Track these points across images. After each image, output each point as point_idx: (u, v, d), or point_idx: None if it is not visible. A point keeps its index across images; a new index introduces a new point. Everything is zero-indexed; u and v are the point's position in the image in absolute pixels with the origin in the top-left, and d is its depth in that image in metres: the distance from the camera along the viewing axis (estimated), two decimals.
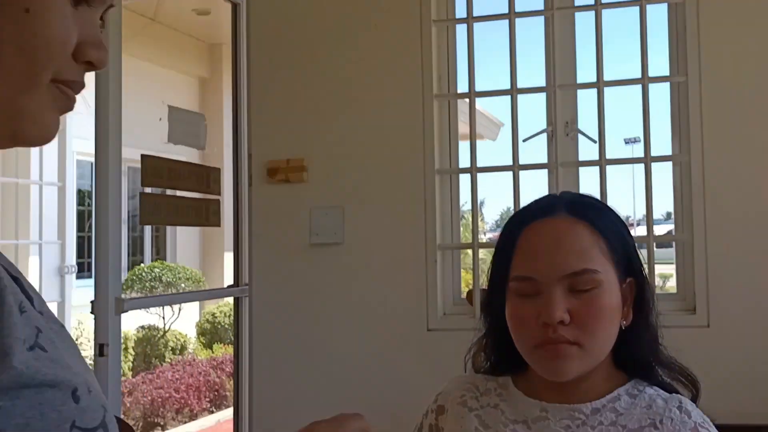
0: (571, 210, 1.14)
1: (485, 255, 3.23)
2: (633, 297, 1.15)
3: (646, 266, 1.19)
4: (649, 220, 2.82)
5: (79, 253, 7.17)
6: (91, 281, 2.59)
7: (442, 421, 1.23)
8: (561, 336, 1.08)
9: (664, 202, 2.97)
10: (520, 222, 1.17)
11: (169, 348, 7.85)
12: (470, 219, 3.01)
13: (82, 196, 7.51)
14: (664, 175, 2.91)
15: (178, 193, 2.94)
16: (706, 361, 2.27)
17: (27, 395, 0.56)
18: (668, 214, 3.01)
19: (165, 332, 8.08)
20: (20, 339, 0.58)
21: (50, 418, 0.57)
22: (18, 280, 0.63)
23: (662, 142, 2.88)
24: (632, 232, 1.19)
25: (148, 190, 2.90)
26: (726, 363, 2.65)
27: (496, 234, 4.01)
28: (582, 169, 2.95)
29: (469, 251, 3.01)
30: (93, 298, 2.44)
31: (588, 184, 2.95)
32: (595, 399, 1.14)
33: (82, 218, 7.57)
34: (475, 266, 2.95)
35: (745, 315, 2.70)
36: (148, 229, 8.61)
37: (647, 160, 2.79)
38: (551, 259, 1.10)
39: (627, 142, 4.53)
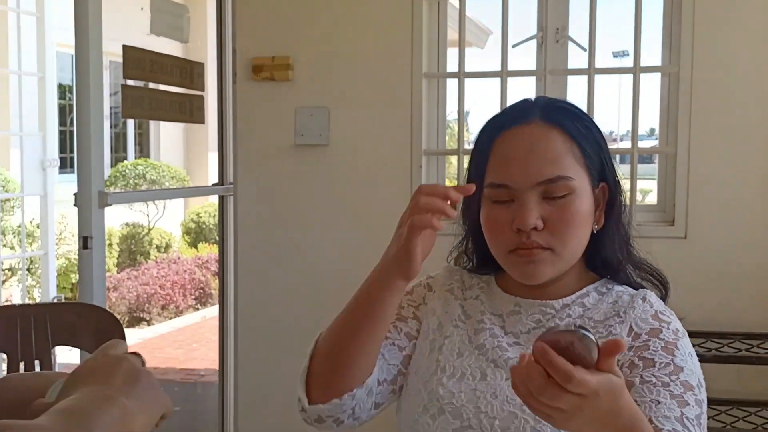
0: (545, 116, 1.13)
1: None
2: (605, 201, 1.17)
3: (620, 174, 1.21)
4: (634, 132, 2.83)
5: (62, 148, 7.10)
6: (73, 176, 2.57)
7: (429, 297, 1.27)
8: (534, 242, 1.10)
9: (649, 118, 2.97)
10: (495, 128, 1.17)
11: (154, 245, 7.91)
12: (456, 128, 2.99)
13: (63, 90, 7.36)
14: (650, 90, 2.90)
15: (162, 87, 2.89)
16: (682, 272, 2.34)
17: None
18: (652, 131, 3.01)
19: (150, 230, 8.12)
20: None
21: None
22: None
23: (651, 56, 2.86)
24: (616, 147, 1.19)
25: (130, 82, 2.85)
26: (701, 273, 2.72)
27: None
28: (570, 79, 2.93)
29: (454, 160, 3.01)
30: (76, 192, 2.43)
31: (576, 93, 2.94)
32: (565, 296, 1.18)
33: (63, 113, 7.45)
34: (459, 174, 2.97)
35: (721, 228, 2.76)
36: (131, 125, 8.50)
37: (636, 70, 2.77)
38: (525, 166, 1.10)
39: (615, 55, 4.48)
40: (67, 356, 3.19)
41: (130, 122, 8.47)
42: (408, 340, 1.22)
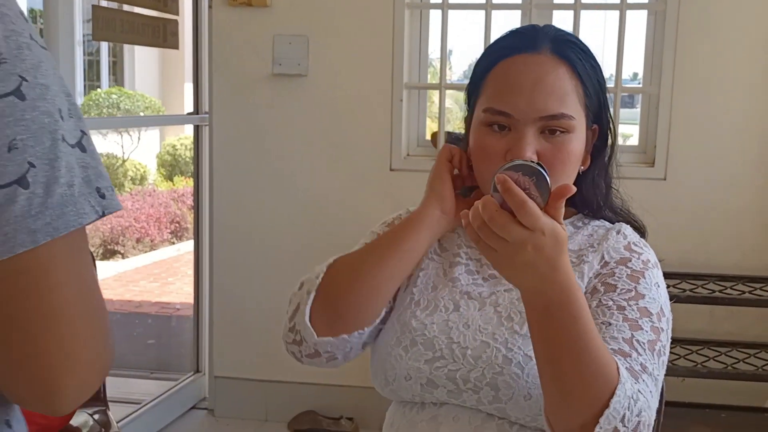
0: (556, 48, 1.09)
1: (451, 104, 3.20)
2: (593, 143, 1.15)
3: (614, 119, 1.19)
4: (618, 71, 2.79)
5: None
6: None
7: None
8: None
9: (634, 60, 2.93)
10: (501, 51, 1.11)
11: (129, 177, 7.80)
12: (438, 67, 2.93)
13: (33, 15, 7.14)
14: (636, 30, 2.85)
15: (135, 9, 2.78)
16: (660, 213, 2.34)
17: None
18: (635, 75, 2.98)
19: (124, 161, 8.00)
20: None
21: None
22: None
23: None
24: None
25: (103, 3, 2.74)
26: (678, 215, 2.73)
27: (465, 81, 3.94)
28: (555, 15, 2.87)
29: (435, 98, 2.96)
30: None
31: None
32: None
33: None
34: (441, 107, 2.92)
35: (700, 170, 2.76)
36: (104, 53, 8.28)
37: (623, 6, 2.73)
38: (531, 97, 1.06)
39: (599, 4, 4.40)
40: None
41: (104, 50, 8.25)
42: None
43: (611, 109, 1.18)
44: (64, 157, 0.64)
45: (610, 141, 1.16)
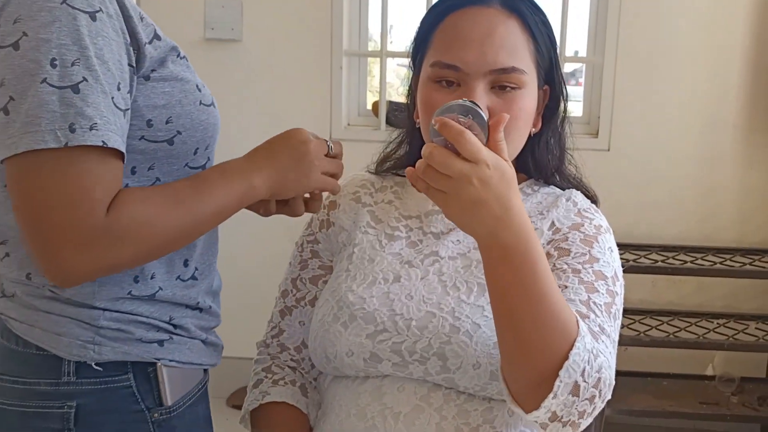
0: (506, 1, 1.06)
1: (392, 78, 3.12)
2: (544, 105, 1.11)
3: (564, 79, 1.15)
4: (562, 39, 2.74)
5: None
6: None
7: (334, 216, 1.20)
8: None
9: (577, 31, 2.89)
10: (449, 6, 1.07)
11: None
12: (378, 40, 2.85)
13: None
14: (578, 2, 2.81)
15: None
16: (604, 184, 2.30)
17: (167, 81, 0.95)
18: (575, 53, 2.97)
19: None
20: (143, 37, 0.89)
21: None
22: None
23: None
24: None
25: None
26: (621, 186, 2.73)
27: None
28: None
29: (376, 73, 2.88)
30: None
31: None
32: None
33: None
34: (382, 75, 2.84)
35: (643, 141, 2.76)
36: None
37: None
38: (481, 50, 1.02)
39: None
40: None
41: None
42: (314, 285, 1.19)
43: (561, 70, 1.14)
44: (39, 95, 0.81)
45: (562, 104, 1.13)
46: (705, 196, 2.75)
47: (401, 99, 2.89)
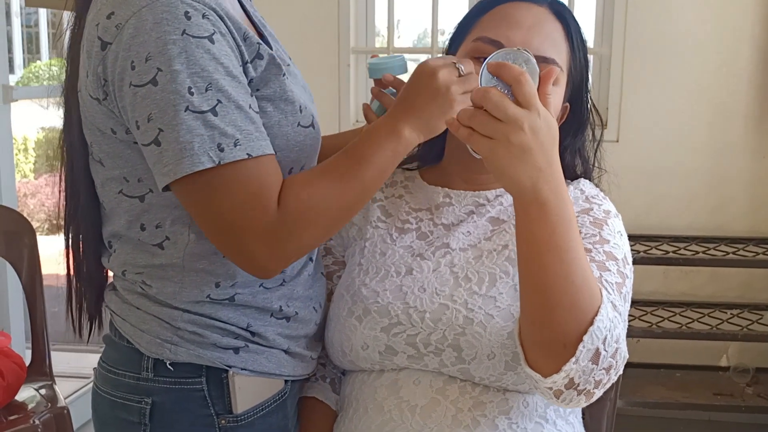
0: (554, 8, 1.09)
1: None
2: (562, 122, 1.12)
3: (592, 103, 1.16)
4: None
5: None
6: None
7: None
8: None
9: (584, 22, 2.88)
10: None
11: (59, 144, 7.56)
12: (386, 36, 2.85)
13: None
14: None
15: None
16: (614, 174, 2.30)
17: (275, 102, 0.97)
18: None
19: None
20: (246, 56, 0.94)
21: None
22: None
23: None
24: None
25: None
26: (631, 177, 2.71)
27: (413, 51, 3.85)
28: None
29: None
30: None
31: None
32: (499, 187, 1.14)
33: None
34: None
35: (652, 131, 2.75)
36: (43, 24, 8.00)
37: None
38: (528, 35, 1.05)
39: None
40: None
41: (43, 22, 7.97)
42: (329, 280, 1.18)
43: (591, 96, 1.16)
44: (185, 122, 0.87)
45: (592, 123, 1.14)
46: (716, 185, 2.74)
47: None
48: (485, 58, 1.01)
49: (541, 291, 0.87)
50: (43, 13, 7.60)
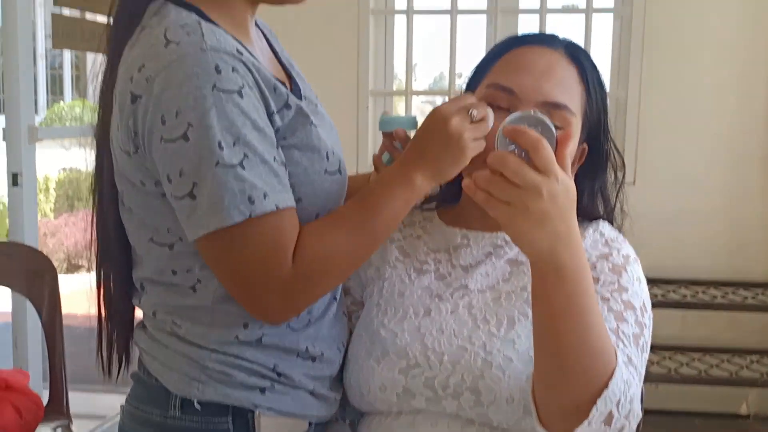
0: (569, 51, 1.08)
1: (417, 116, 3.16)
2: (579, 162, 1.10)
3: (613, 146, 1.14)
4: None
5: None
6: (1, 117, 2.46)
7: None
8: None
9: (600, 65, 2.91)
10: (515, 41, 1.10)
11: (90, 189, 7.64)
12: (403, 78, 2.89)
13: None
14: (602, 36, 2.84)
15: (99, 18, 2.70)
16: (631, 217, 2.31)
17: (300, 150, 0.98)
18: None
19: (89, 174, 7.84)
20: (273, 107, 0.94)
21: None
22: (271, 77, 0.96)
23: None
24: None
25: (65, 12, 2.67)
26: (648, 220, 2.67)
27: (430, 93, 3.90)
28: (521, 19, 2.85)
29: (402, 111, 2.92)
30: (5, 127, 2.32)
31: None
32: None
33: None
34: (407, 113, 2.87)
35: (669, 174, 2.75)
36: (67, 66, 8.16)
37: (588, 11, 2.72)
38: (539, 81, 1.04)
39: (565, 6, 4.45)
40: None
41: (67, 63, 8.14)
42: (348, 321, 1.17)
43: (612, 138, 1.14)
44: (217, 177, 0.88)
45: (614, 164, 1.13)
46: (734, 229, 2.72)
47: None
48: (498, 105, 1.03)
49: (555, 355, 0.87)
50: (67, 55, 7.76)
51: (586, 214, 1.11)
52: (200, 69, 0.88)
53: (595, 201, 1.14)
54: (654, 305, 1.08)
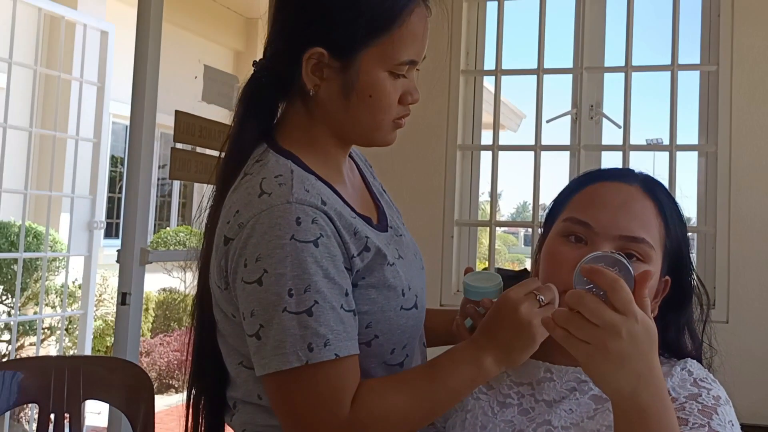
0: (645, 185, 1.10)
1: (499, 245, 3.20)
2: (663, 296, 1.10)
3: (696, 280, 1.15)
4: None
5: (108, 214, 7.25)
6: (117, 242, 2.63)
7: None
8: None
9: (687, 198, 2.92)
10: (593, 175, 1.14)
11: (188, 312, 7.84)
12: (488, 208, 2.98)
13: (114, 161, 7.59)
14: (686, 171, 2.85)
15: (208, 152, 2.94)
16: (724, 358, 2.21)
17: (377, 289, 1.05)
18: (687, 219, 2.95)
19: (185, 296, 8.15)
20: (353, 250, 1.02)
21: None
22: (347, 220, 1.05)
23: (686, 136, 2.82)
24: None
25: (179, 146, 2.92)
26: (744, 361, 2.58)
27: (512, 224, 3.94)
28: (604, 155, 2.90)
29: (485, 241, 2.98)
30: (119, 249, 2.48)
31: None
32: None
33: (113, 182, 7.66)
34: (491, 243, 2.93)
35: (766, 313, 2.64)
36: (175, 194, 8.68)
37: (672, 147, 2.73)
38: (615, 215, 1.05)
39: (649, 142, 4.40)
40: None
41: (175, 191, 8.65)
42: None
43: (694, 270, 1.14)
44: (282, 322, 0.95)
45: (700, 298, 1.14)
46: None
47: (509, 266, 2.94)
48: (575, 237, 1.05)
49: None
50: (176, 186, 8.28)
51: (674, 350, 1.10)
52: (283, 220, 0.98)
53: (682, 336, 1.13)
54: None
